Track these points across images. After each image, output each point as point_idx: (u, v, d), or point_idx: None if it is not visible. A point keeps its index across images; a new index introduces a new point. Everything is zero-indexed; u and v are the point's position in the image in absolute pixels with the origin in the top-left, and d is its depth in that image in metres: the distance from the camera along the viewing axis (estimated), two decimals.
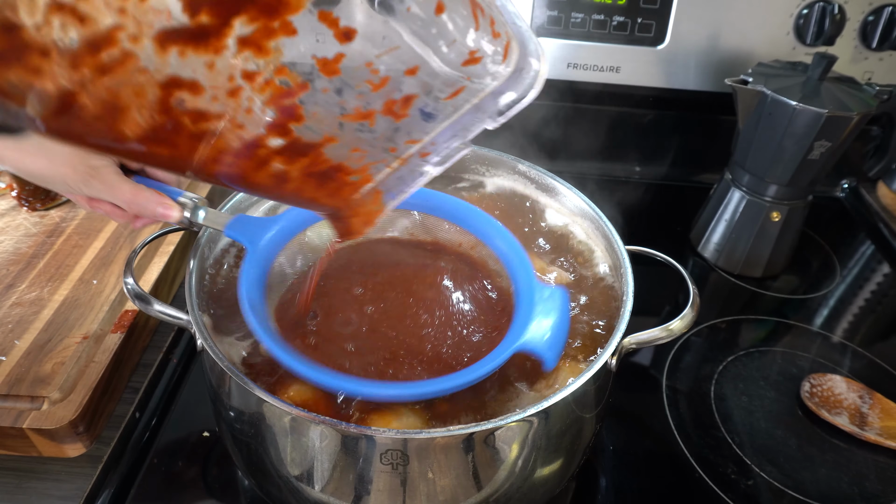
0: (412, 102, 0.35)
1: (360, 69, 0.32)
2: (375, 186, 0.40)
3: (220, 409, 0.53)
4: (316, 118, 0.34)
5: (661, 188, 1.12)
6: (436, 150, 0.38)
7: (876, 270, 0.97)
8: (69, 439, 0.61)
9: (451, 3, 0.32)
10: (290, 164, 0.35)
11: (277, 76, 0.30)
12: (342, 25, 0.30)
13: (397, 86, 0.34)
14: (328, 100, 0.33)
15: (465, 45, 0.34)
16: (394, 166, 0.39)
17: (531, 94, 0.37)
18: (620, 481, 0.65)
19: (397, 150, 0.38)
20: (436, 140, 0.38)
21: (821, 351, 0.81)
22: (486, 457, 0.47)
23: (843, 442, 0.69)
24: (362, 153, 0.37)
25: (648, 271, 0.62)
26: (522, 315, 0.50)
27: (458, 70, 0.34)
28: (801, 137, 0.79)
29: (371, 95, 0.34)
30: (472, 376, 0.46)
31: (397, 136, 0.37)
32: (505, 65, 0.35)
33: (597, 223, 0.64)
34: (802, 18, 0.93)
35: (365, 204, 0.40)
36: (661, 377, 0.76)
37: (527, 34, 0.35)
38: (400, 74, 0.34)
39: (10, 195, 0.85)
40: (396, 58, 0.33)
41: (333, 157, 0.36)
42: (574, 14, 0.94)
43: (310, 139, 0.34)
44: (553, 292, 0.50)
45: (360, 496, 0.48)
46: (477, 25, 0.33)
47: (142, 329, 0.73)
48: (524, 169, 0.71)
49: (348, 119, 0.35)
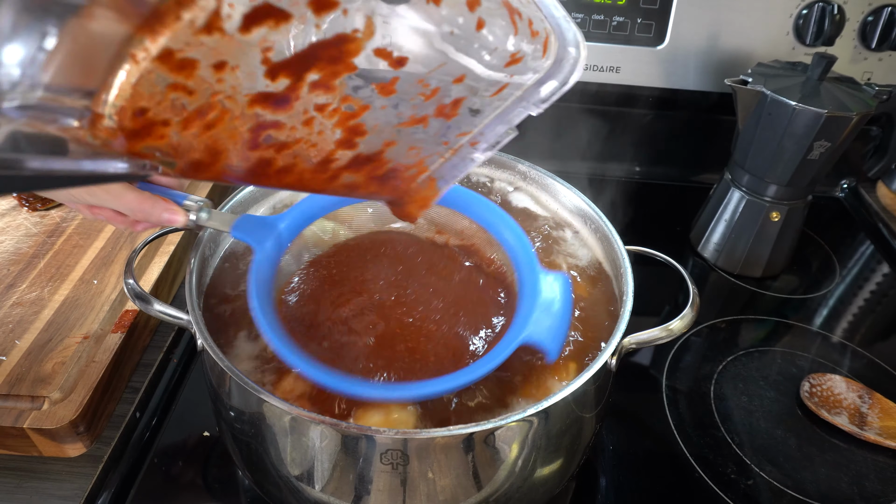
0: (461, 104, 0.39)
1: (412, 86, 0.36)
2: (430, 175, 0.43)
3: (220, 409, 0.53)
4: (376, 130, 0.38)
5: (661, 188, 1.12)
6: (484, 139, 0.42)
7: (876, 270, 0.97)
8: (69, 439, 0.61)
9: (489, 17, 0.35)
10: (357, 172, 0.40)
11: (343, 104, 0.35)
12: (395, 56, 0.34)
13: (447, 93, 0.38)
14: (387, 114, 0.37)
15: (506, 51, 0.36)
16: (446, 156, 0.42)
17: (572, 80, 0.39)
18: (620, 481, 0.65)
19: (449, 142, 0.41)
20: (484, 130, 0.41)
21: (820, 351, 0.81)
22: (486, 457, 0.47)
23: (843, 442, 0.70)
24: (418, 149, 0.41)
25: (648, 271, 0.62)
26: (525, 305, 0.50)
27: (502, 71, 0.37)
28: (800, 137, 0.79)
29: (424, 104, 0.38)
30: (476, 374, 0.46)
31: (449, 132, 0.41)
32: (545, 58, 0.38)
33: (597, 223, 0.64)
34: (802, 19, 0.93)
35: (421, 190, 0.44)
36: (661, 377, 0.76)
37: (564, 25, 0.37)
38: (448, 84, 0.37)
39: (11, 195, 0.85)
40: (444, 72, 0.36)
41: (393, 158, 0.40)
42: (574, 14, 0.95)
43: (372, 148, 0.39)
44: (556, 278, 0.51)
45: (360, 496, 0.48)
46: (516, 31, 0.36)
47: (142, 329, 0.73)
48: (524, 169, 0.71)
49: (405, 125, 0.39)
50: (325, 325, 0.54)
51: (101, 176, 0.32)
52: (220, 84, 0.31)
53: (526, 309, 0.50)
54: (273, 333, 0.46)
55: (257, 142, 0.34)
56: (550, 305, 0.49)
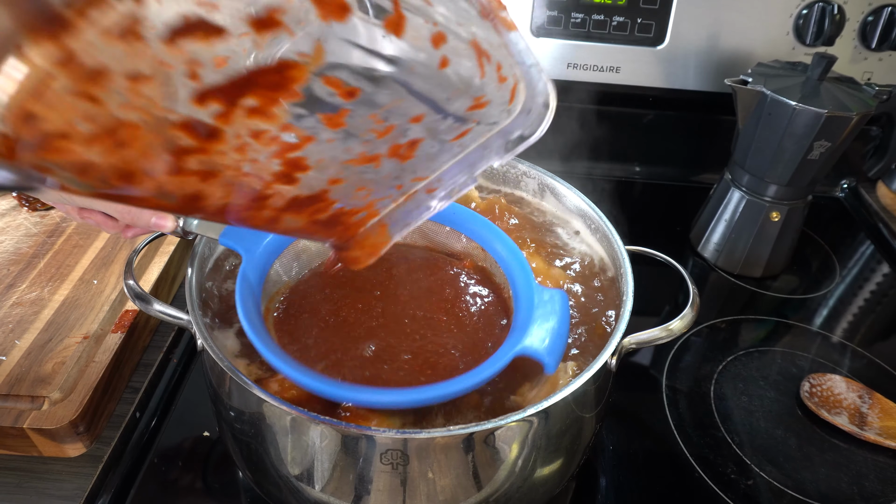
0: (418, 145, 0.36)
1: (364, 120, 0.33)
2: (381, 220, 0.40)
3: (220, 409, 0.53)
4: (321, 165, 0.34)
5: (661, 188, 1.12)
6: (442, 185, 0.39)
7: (876, 270, 0.97)
8: (69, 439, 0.61)
9: (455, 56, 0.32)
10: (299, 214, 0.36)
11: (283, 132, 0.31)
12: (345, 87, 0.31)
13: (402, 132, 0.34)
14: (333, 148, 0.33)
15: (469, 95, 0.34)
16: (399, 202, 0.39)
17: (538, 132, 0.37)
18: (620, 481, 0.65)
19: (403, 186, 0.38)
20: (442, 177, 0.38)
21: (820, 351, 0.81)
22: (486, 457, 0.47)
23: (843, 442, 0.69)
24: (368, 191, 0.37)
25: (648, 271, 0.62)
26: (522, 319, 0.49)
27: (464, 115, 0.35)
28: (800, 137, 0.79)
29: (376, 142, 0.34)
30: (473, 381, 0.46)
31: (403, 175, 0.37)
32: (512, 105, 0.35)
33: (597, 223, 0.64)
34: (802, 18, 0.93)
35: (370, 236, 0.41)
36: (661, 377, 0.76)
37: (535, 74, 0.35)
38: (405, 122, 0.34)
39: (11, 195, 0.85)
40: (401, 110, 0.33)
41: (339, 198, 0.37)
42: (574, 14, 0.94)
43: (315, 185, 0.35)
44: (552, 295, 0.50)
45: (360, 496, 0.48)
46: (482, 74, 0.33)
47: (142, 329, 0.73)
48: (524, 169, 0.71)
49: (353, 163, 0.35)
50: (323, 332, 0.54)
51: None
52: (134, 98, 0.27)
53: (522, 322, 0.49)
54: (259, 339, 0.46)
55: (179, 167, 0.30)
56: (547, 319, 0.48)
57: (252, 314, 0.48)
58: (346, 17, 0.28)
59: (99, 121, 0.26)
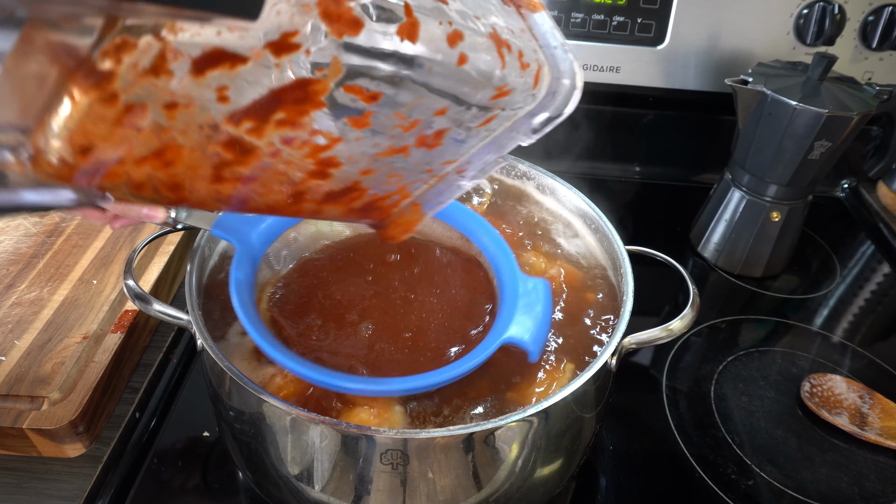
0: (445, 134, 0.37)
1: (389, 119, 0.34)
2: (414, 200, 0.42)
3: (220, 409, 0.53)
4: (352, 160, 0.36)
5: (661, 188, 1.12)
6: (471, 167, 0.40)
7: (876, 270, 0.97)
8: (69, 439, 0.61)
9: (473, 52, 0.33)
10: (335, 203, 0.38)
11: (313, 136, 0.33)
12: (367, 92, 0.32)
13: (428, 125, 0.36)
14: (362, 145, 0.35)
15: (491, 86, 0.34)
16: (431, 183, 0.40)
17: (566, 112, 0.37)
18: (620, 481, 0.65)
19: (433, 170, 0.39)
20: (471, 159, 0.39)
21: (821, 351, 0.81)
22: (486, 457, 0.47)
23: (843, 442, 0.69)
24: (399, 177, 0.39)
25: (648, 271, 0.62)
26: (507, 308, 0.50)
27: (488, 104, 0.35)
28: (801, 137, 0.79)
29: (403, 135, 0.36)
30: (458, 371, 0.46)
31: (433, 161, 0.38)
32: (537, 90, 0.36)
33: (597, 223, 0.64)
34: (802, 18, 0.93)
35: (404, 215, 0.43)
36: (661, 377, 0.76)
37: (560, 55, 0.35)
38: (429, 116, 0.35)
39: None
40: (424, 107, 0.34)
41: (372, 186, 0.39)
42: (574, 14, 0.94)
43: (348, 177, 0.37)
44: (536, 284, 0.51)
45: (360, 496, 0.48)
46: (503, 64, 0.34)
47: (142, 329, 0.73)
48: (524, 169, 0.71)
49: (383, 155, 0.36)
50: (315, 321, 0.54)
51: (47, 206, 0.31)
52: (173, 123, 0.29)
53: (507, 311, 0.50)
54: (253, 328, 0.47)
55: (221, 176, 0.33)
56: (532, 308, 0.49)
57: (246, 303, 0.49)
58: (360, 30, 0.30)
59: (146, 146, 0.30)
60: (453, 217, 0.59)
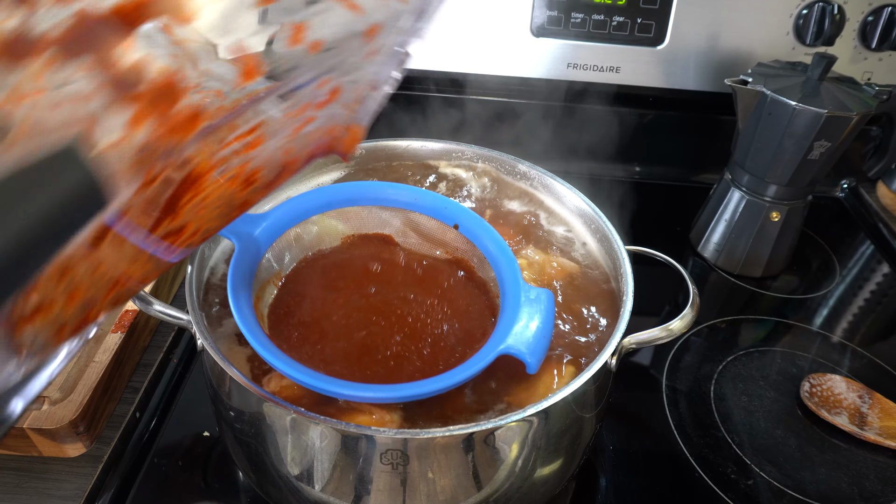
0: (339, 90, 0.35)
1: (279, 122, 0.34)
2: (346, 125, 0.40)
3: (220, 409, 0.53)
4: (268, 155, 0.35)
5: (661, 188, 1.12)
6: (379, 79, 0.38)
7: (876, 270, 0.97)
8: (69, 439, 0.61)
9: (320, 31, 0.31)
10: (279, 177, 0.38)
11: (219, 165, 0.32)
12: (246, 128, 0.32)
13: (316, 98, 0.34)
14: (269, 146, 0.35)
15: (360, 42, 0.33)
16: (352, 108, 0.39)
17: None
18: (620, 481, 0.65)
19: (348, 104, 0.38)
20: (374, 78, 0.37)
21: (820, 351, 0.81)
22: (486, 457, 0.47)
23: (843, 442, 0.69)
24: (321, 128, 0.38)
25: (648, 271, 0.62)
26: (507, 317, 0.49)
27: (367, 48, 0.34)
28: (800, 137, 0.79)
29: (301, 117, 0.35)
30: (456, 379, 0.46)
31: (341, 104, 0.37)
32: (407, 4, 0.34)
33: (597, 223, 0.64)
34: (802, 18, 0.93)
35: (345, 138, 0.41)
36: (661, 377, 0.76)
37: None
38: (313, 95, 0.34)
39: None
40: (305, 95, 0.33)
41: (299, 145, 0.38)
42: (574, 14, 0.94)
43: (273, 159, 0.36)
44: (539, 294, 0.50)
45: (360, 496, 0.48)
46: (358, 12, 0.32)
47: (142, 329, 0.73)
48: (524, 169, 0.71)
49: (295, 134, 0.36)
50: (313, 324, 0.54)
51: None
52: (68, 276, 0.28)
53: (507, 320, 0.49)
54: (248, 329, 0.47)
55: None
56: (532, 318, 0.48)
57: (243, 304, 0.49)
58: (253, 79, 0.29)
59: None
60: (458, 220, 0.59)
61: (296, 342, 0.53)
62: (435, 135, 0.74)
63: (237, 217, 0.38)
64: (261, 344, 0.46)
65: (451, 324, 0.55)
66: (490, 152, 0.72)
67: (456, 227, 0.59)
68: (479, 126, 1.01)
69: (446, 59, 0.99)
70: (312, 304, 0.56)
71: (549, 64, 0.99)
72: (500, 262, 0.55)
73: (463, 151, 0.72)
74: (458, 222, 0.59)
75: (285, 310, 0.55)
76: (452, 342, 0.53)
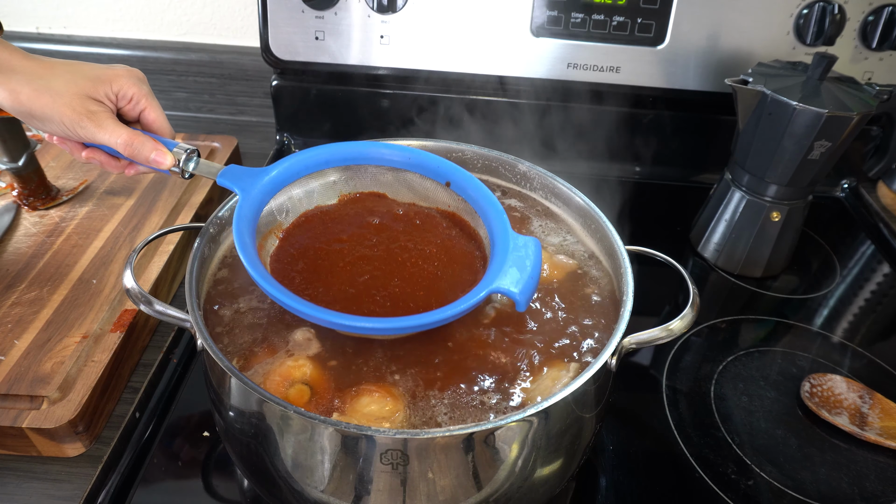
0: None
1: None
2: None
3: (220, 409, 0.53)
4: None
5: (661, 188, 1.12)
6: None
7: (876, 270, 0.97)
8: (69, 439, 0.61)
9: None
10: None
11: None
12: None
13: None
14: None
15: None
16: None
17: None
18: (620, 481, 0.65)
19: None
20: None
21: (821, 351, 0.81)
22: (486, 457, 0.47)
23: (843, 442, 0.69)
24: None
25: (648, 271, 0.62)
26: (497, 261, 0.53)
27: None
28: (801, 137, 0.79)
29: None
30: (450, 313, 0.49)
31: None
32: None
33: (597, 223, 0.64)
34: (802, 18, 0.93)
35: None
36: (661, 377, 0.76)
37: None
38: None
39: (11, 195, 0.85)
40: None
41: None
42: (574, 14, 0.94)
43: None
44: (527, 241, 0.53)
45: (360, 496, 0.48)
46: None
47: (142, 329, 0.73)
48: (524, 169, 0.71)
49: None
50: (313, 267, 0.57)
51: None
52: None
53: (497, 263, 0.52)
54: (254, 269, 0.50)
55: None
56: (521, 262, 0.52)
57: (249, 248, 0.51)
58: None
59: None
60: (448, 176, 0.61)
61: (298, 286, 0.55)
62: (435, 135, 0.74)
63: None
64: (264, 279, 0.49)
65: (446, 270, 0.57)
66: (490, 152, 0.72)
67: (448, 185, 0.62)
68: (478, 126, 1.01)
69: (446, 60, 0.99)
70: (313, 252, 0.59)
71: (549, 64, 0.99)
72: (489, 213, 0.58)
73: (463, 151, 0.72)
74: (450, 179, 0.61)
75: (287, 257, 0.58)
76: (445, 287, 0.56)
